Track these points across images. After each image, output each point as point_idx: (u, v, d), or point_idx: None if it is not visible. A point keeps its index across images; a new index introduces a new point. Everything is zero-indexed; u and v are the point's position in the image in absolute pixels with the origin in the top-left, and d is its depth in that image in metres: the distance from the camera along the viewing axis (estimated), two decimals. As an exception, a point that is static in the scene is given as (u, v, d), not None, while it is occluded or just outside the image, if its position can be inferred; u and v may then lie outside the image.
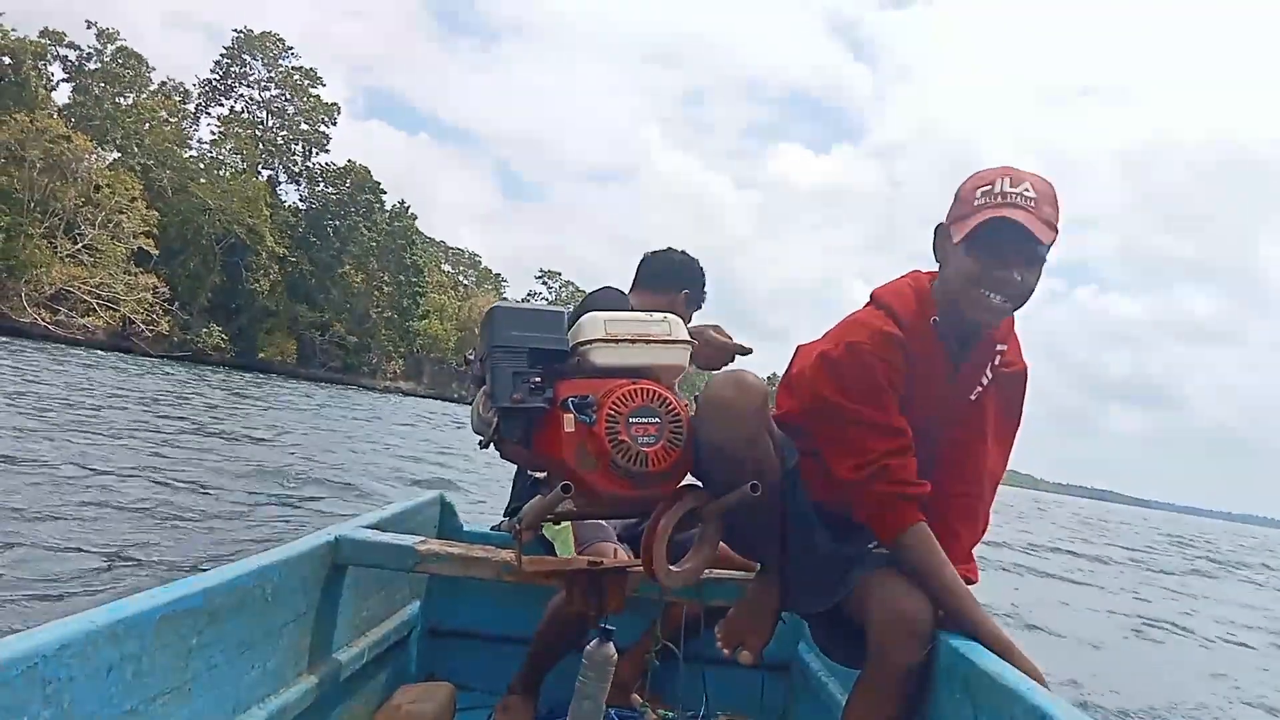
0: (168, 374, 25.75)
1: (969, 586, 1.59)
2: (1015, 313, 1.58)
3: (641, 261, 2.59)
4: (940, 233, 1.58)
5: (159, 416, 12.48)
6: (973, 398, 1.63)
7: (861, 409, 1.50)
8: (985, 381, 1.63)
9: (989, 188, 1.49)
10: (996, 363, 1.63)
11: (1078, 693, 5.25)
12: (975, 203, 1.50)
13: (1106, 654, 6.98)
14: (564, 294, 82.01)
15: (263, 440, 11.74)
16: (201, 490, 6.90)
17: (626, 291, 2.51)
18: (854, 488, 1.51)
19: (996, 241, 1.46)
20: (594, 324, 1.55)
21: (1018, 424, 1.71)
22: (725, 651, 1.67)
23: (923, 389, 1.57)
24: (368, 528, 1.83)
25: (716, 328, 2.29)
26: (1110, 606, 9.89)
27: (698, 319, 2.63)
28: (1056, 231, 1.47)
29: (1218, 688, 6.46)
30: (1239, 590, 15.90)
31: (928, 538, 1.49)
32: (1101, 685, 5.62)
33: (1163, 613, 9.96)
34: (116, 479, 6.69)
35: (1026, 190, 1.47)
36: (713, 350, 2.23)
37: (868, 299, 1.66)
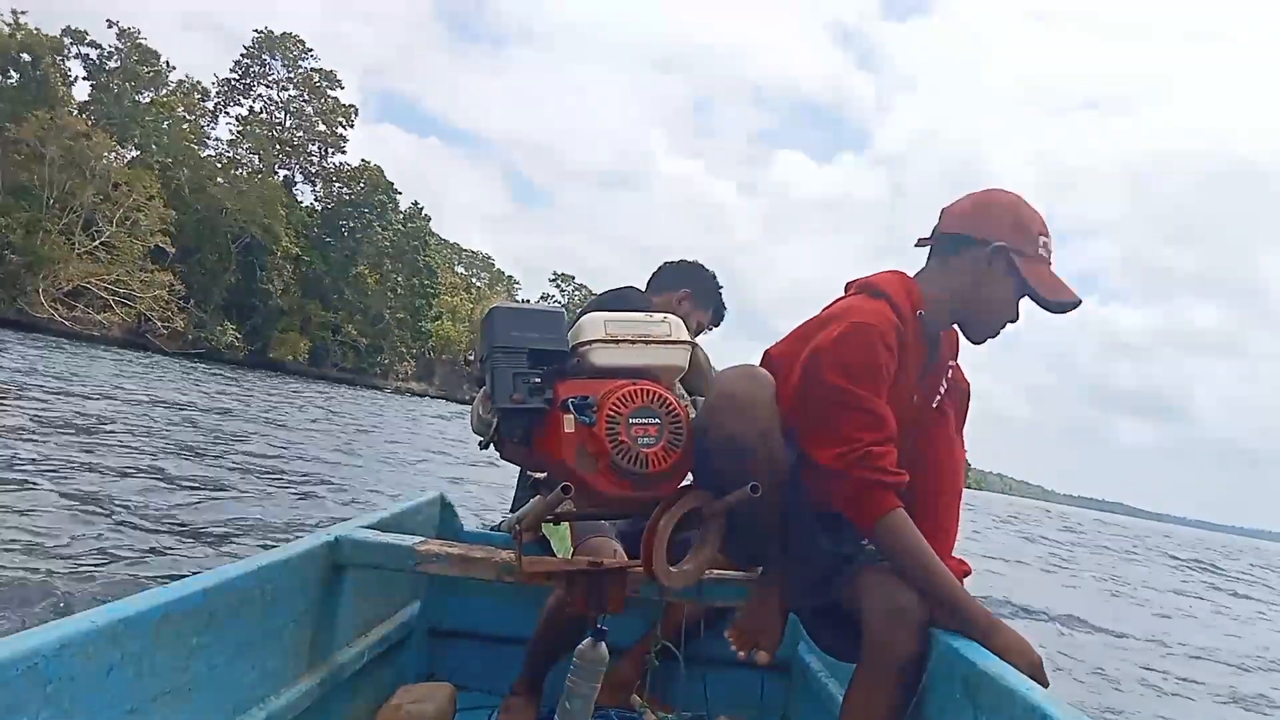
0: (185, 374, 25.87)
1: (964, 578, 1.62)
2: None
3: (655, 271, 2.65)
4: (998, 252, 1.61)
5: (163, 415, 12.57)
6: (934, 405, 1.70)
7: (859, 392, 1.50)
8: (943, 390, 1.71)
9: (1047, 240, 1.62)
10: (950, 376, 1.73)
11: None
12: (1039, 250, 1.61)
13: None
14: (577, 297, 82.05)
15: (266, 439, 11.81)
16: (200, 491, 6.94)
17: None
18: (834, 475, 1.52)
19: (1050, 303, 1.59)
20: (594, 324, 1.55)
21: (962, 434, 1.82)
22: (740, 654, 1.67)
23: (902, 383, 1.60)
24: (367, 528, 1.83)
25: None
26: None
27: (719, 333, 2.68)
28: None
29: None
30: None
31: (907, 522, 1.50)
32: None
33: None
34: (114, 479, 6.73)
35: None
36: None
37: (853, 289, 1.68)
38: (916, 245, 1.71)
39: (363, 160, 56.81)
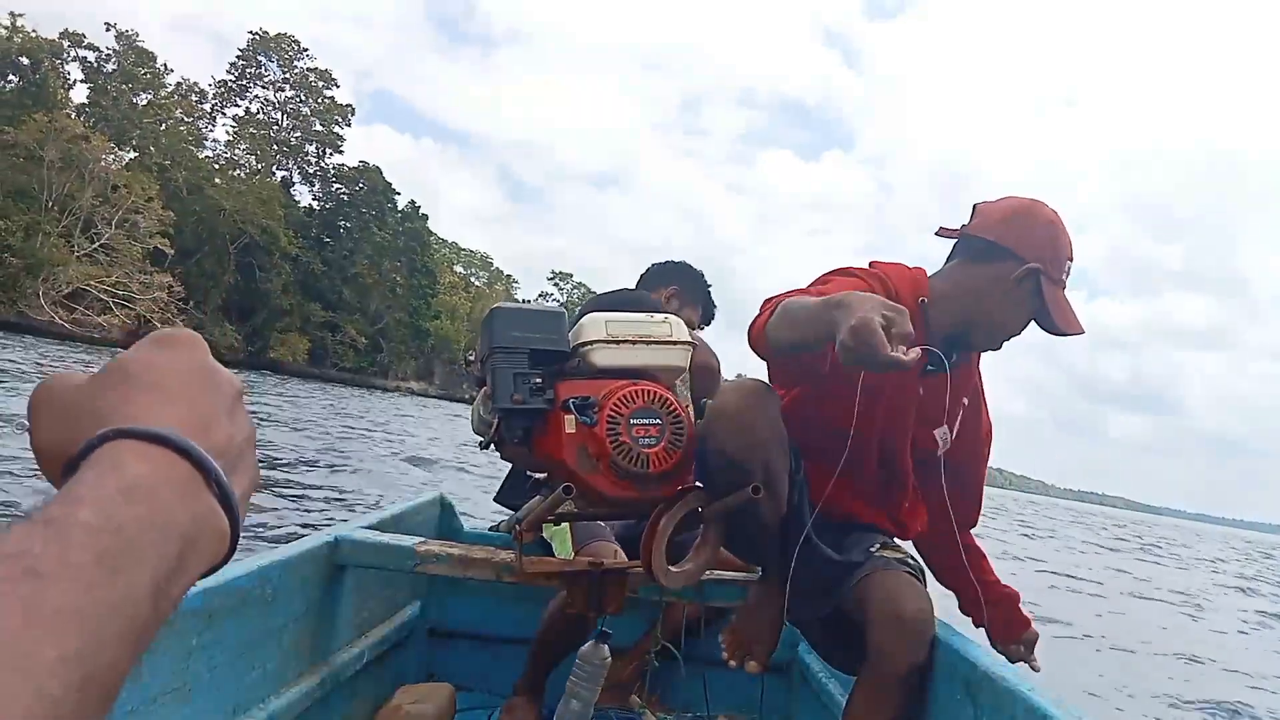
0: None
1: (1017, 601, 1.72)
2: None
3: (643, 273, 2.65)
4: (1030, 273, 1.58)
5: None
6: (965, 401, 1.67)
7: (828, 282, 1.52)
8: (966, 403, 1.69)
9: (1071, 265, 1.63)
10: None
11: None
12: (1063, 275, 1.61)
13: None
14: (575, 295, 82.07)
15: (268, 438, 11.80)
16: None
17: None
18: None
19: (1057, 330, 1.59)
20: (595, 324, 1.54)
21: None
22: (731, 663, 1.66)
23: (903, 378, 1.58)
24: (367, 528, 1.83)
25: None
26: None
27: (709, 332, 2.66)
28: None
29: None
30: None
31: (791, 299, 1.43)
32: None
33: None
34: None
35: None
36: None
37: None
38: (937, 235, 1.68)
39: (361, 161, 56.88)
